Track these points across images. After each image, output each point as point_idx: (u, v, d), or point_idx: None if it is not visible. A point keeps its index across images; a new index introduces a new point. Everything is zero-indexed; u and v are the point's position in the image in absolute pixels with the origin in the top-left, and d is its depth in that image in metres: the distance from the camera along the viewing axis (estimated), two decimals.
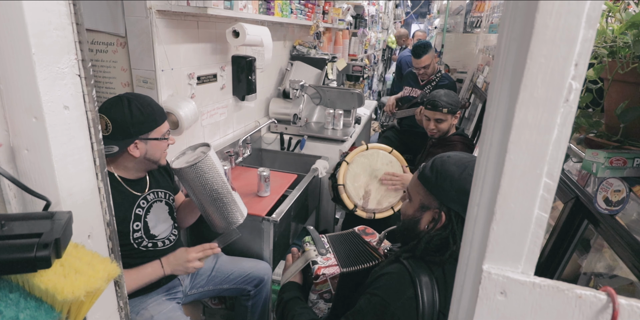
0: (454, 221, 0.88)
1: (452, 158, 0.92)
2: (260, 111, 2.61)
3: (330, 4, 3.40)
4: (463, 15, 5.82)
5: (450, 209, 0.89)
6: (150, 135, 1.24)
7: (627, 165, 0.93)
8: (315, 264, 1.10)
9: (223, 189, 1.27)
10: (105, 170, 0.66)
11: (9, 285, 0.48)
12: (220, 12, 1.57)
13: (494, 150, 0.39)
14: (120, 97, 1.21)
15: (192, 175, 1.21)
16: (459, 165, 0.90)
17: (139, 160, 1.26)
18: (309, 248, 1.16)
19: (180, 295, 1.46)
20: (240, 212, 1.36)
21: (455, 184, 0.87)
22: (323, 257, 1.13)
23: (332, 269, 1.09)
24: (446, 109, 2.00)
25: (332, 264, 1.11)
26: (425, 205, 0.93)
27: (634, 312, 0.37)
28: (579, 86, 0.35)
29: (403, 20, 8.20)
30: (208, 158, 1.20)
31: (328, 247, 1.18)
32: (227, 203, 1.30)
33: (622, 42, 0.92)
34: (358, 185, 1.79)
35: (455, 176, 0.88)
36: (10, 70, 0.52)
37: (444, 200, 0.89)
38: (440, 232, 0.90)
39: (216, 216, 1.31)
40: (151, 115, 1.22)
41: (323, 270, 1.08)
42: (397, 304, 0.82)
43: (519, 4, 0.36)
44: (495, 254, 0.40)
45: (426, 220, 0.93)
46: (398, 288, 0.85)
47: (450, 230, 0.89)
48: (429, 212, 0.92)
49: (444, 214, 0.89)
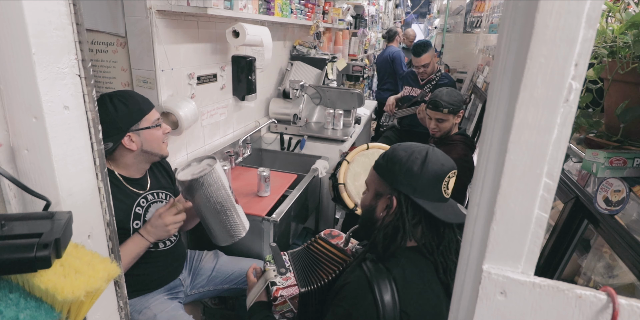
0: (404, 204, 0.93)
1: (402, 146, 0.99)
2: (260, 111, 2.61)
3: (330, 4, 3.40)
4: (463, 15, 5.82)
5: (400, 192, 0.93)
6: (140, 126, 1.24)
7: (627, 165, 0.93)
8: (274, 286, 1.10)
9: (227, 203, 1.27)
10: (105, 170, 0.66)
11: (9, 285, 0.48)
12: (220, 12, 1.57)
13: (494, 150, 0.39)
14: (102, 96, 1.22)
15: (197, 188, 1.21)
16: (406, 150, 0.96)
17: (137, 154, 1.26)
18: (269, 268, 1.17)
19: (181, 295, 1.47)
20: (243, 225, 1.36)
21: (404, 167, 0.93)
22: (282, 277, 1.13)
23: (290, 290, 1.09)
24: (447, 109, 1.99)
25: (291, 283, 1.11)
26: (379, 192, 0.98)
27: (634, 312, 0.37)
28: (579, 86, 0.35)
29: (403, 20, 8.19)
30: (214, 171, 1.21)
31: (289, 266, 1.18)
32: (230, 216, 1.29)
33: (622, 42, 0.92)
34: (358, 184, 1.79)
35: (403, 160, 0.93)
36: (10, 70, 0.52)
37: (394, 184, 0.94)
38: (392, 220, 0.94)
39: (218, 228, 1.30)
40: (135, 105, 1.23)
41: (281, 291, 1.08)
42: (359, 311, 0.85)
43: (519, 4, 0.36)
44: (495, 254, 0.40)
45: (381, 208, 0.97)
46: (357, 296, 0.88)
47: (400, 215, 0.93)
48: (382, 199, 0.97)
49: (395, 198, 0.93)
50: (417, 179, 0.91)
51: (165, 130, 1.32)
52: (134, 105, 1.23)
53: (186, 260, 1.56)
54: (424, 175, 0.91)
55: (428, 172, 0.91)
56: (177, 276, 1.47)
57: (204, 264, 1.57)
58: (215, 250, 1.66)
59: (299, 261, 1.21)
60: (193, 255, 1.59)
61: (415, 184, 0.91)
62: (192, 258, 1.58)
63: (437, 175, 0.92)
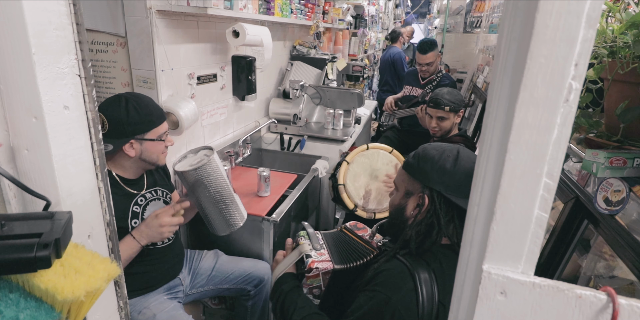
0: (437, 201, 0.93)
1: (432, 145, 0.99)
2: (260, 111, 2.61)
3: (330, 4, 3.40)
4: (463, 15, 5.82)
5: (432, 190, 0.93)
6: (145, 136, 1.24)
7: (627, 165, 0.93)
8: (309, 258, 1.10)
9: (226, 192, 1.27)
10: (105, 170, 0.66)
11: (9, 285, 0.48)
12: (220, 12, 1.57)
13: (494, 150, 0.39)
14: (119, 96, 1.21)
15: (196, 178, 1.21)
16: (438, 149, 0.96)
17: (134, 160, 1.26)
18: (303, 242, 1.16)
19: (181, 295, 1.47)
20: (241, 215, 1.36)
21: (436, 165, 0.93)
22: (317, 252, 1.13)
23: (325, 264, 1.09)
24: (448, 107, 1.99)
25: (325, 259, 1.11)
26: (409, 191, 0.98)
27: (634, 312, 0.37)
28: (579, 86, 0.35)
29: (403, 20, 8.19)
30: (212, 161, 1.20)
31: (322, 243, 1.18)
32: (229, 205, 1.29)
33: (622, 42, 0.92)
34: (358, 185, 1.79)
35: (435, 158, 0.94)
36: (10, 70, 0.52)
37: (426, 182, 0.94)
38: (425, 217, 0.94)
39: (217, 218, 1.30)
40: (148, 116, 1.22)
41: (317, 264, 1.08)
42: (398, 296, 0.84)
43: (519, 4, 0.36)
44: (495, 254, 0.40)
45: (411, 207, 0.97)
46: (398, 282, 0.87)
47: (434, 212, 0.93)
48: (413, 197, 0.97)
49: (427, 196, 0.93)
50: (450, 176, 0.92)
51: (168, 143, 1.32)
52: (146, 114, 1.22)
53: (186, 259, 1.56)
54: (457, 172, 0.91)
55: (461, 169, 0.92)
56: (177, 275, 1.47)
57: (204, 264, 1.57)
58: (215, 249, 1.66)
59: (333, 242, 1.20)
60: (193, 255, 1.59)
61: (448, 181, 0.92)
62: (191, 258, 1.58)
63: (469, 172, 0.92)
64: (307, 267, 1.07)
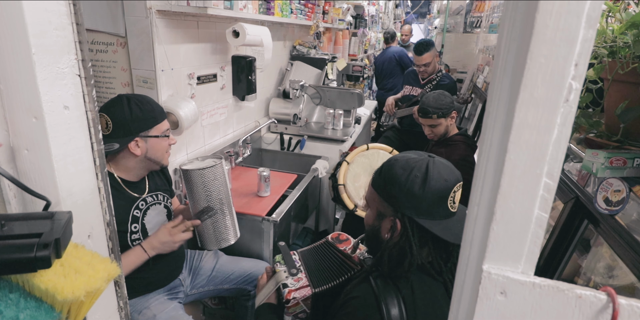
0: (409, 227, 0.86)
1: (399, 161, 0.89)
2: (260, 111, 2.61)
3: (330, 4, 3.40)
4: (463, 15, 5.82)
5: (404, 215, 0.86)
6: (150, 133, 1.25)
7: (627, 165, 0.93)
8: (286, 287, 1.09)
9: (226, 200, 1.27)
10: (105, 170, 0.66)
11: (9, 285, 0.48)
12: (220, 12, 1.57)
13: (494, 150, 0.39)
14: (120, 97, 1.23)
15: (201, 180, 1.22)
16: (405, 168, 0.87)
17: (140, 159, 1.27)
18: (279, 269, 1.15)
19: (181, 295, 1.47)
20: (235, 231, 1.36)
21: (404, 188, 0.85)
22: (294, 278, 1.12)
23: (303, 291, 1.08)
24: (436, 114, 2.01)
25: (303, 284, 1.09)
26: (381, 212, 0.91)
27: (634, 312, 0.37)
28: (579, 86, 0.35)
29: (403, 20, 8.19)
30: (220, 166, 1.22)
31: (299, 266, 1.17)
32: (225, 216, 1.30)
33: (622, 42, 0.92)
34: (358, 185, 1.79)
35: (402, 180, 0.85)
36: (10, 70, 0.52)
37: (396, 207, 0.87)
38: (398, 241, 0.87)
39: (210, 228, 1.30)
40: (150, 112, 1.24)
41: (293, 293, 1.07)
42: None
43: (519, 4, 0.36)
44: (495, 254, 0.40)
45: (385, 229, 0.90)
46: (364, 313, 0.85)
47: (406, 238, 0.86)
48: (386, 219, 0.90)
49: (399, 221, 0.86)
50: (420, 201, 0.84)
51: (172, 141, 1.34)
52: (149, 112, 1.24)
53: (186, 259, 1.56)
54: (427, 196, 0.83)
55: (431, 191, 0.83)
56: (177, 276, 1.47)
57: (204, 264, 1.57)
58: (215, 250, 1.66)
59: (310, 261, 1.19)
60: (193, 255, 1.59)
61: (418, 205, 0.84)
62: (192, 258, 1.58)
63: (441, 193, 0.84)
64: (285, 299, 1.07)
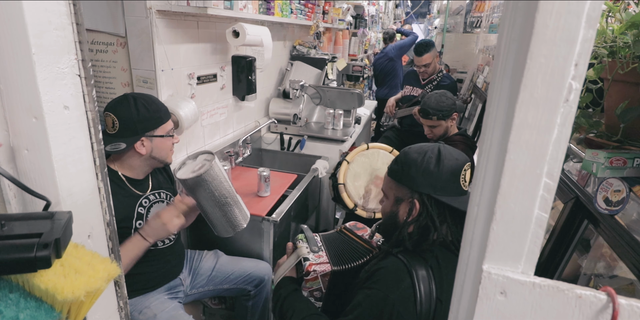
0: (428, 204, 0.93)
1: (412, 148, 0.99)
2: (260, 111, 2.61)
3: (330, 4, 3.40)
4: (463, 15, 5.82)
5: (421, 194, 0.94)
6: (155, 133, 1.26)
7: (627, 165, 0.93)
8: (307, 261, 1.11)
9: (229, 194, 1.27)
10: (106, 170, 0.66)
11: (9, 285, 0.48)
12: (220, 12, 1.57)
13: (494, 150, 0.39)
14: (126, 96, 1.23)
15: (200, 184, 1.21)
16: (419, 152, 0.96)
17: (145, 158, 1.28)
18: (301, 245, 1.17)
19: (181, 295, 1.47)
20: (244, 215, 1.36)
21: (420, 168, 0.93)
22: (315, 255, 1.14)
23: (323, 266, 1.10)
24: (436, 116, 2.01)
25: (323, 261, 1.12)
26: (399, 197, 0.98)
27: (634, 312, 0.37)
28: (579, 86, 0.35)
29: (403, 20, 8.19)
30: (214, 165, 1.21)
31: (320, 246, 1.19)
32: (232, 207, 1.30)
33: (622, 42, 0.92)
34: (358, 185, 1.79)
35: (418, 161, 0.94)
36: (10, 70, 0.52)
37: (414, 186, 0.94)
38: (418, 219, 0.94)
39: (221, 220, 1.30)
40: (156, 112, 1.25)
41: (314, 266, 1.09)
42: (396, 294, 0.84)
43: (519, 4, 0.36)
44: (495, 254, 0.40)
45: (403, 213, 0.97)
46: (395, 279, 0.87)
47: (426, 215, 0.93)
48: (403, 204, 0.97)
49: (417, 201, 0.94)
50: (436, 177, 0.92)
51: (176, 140, 1.35)
52: (155, 111, 1.25)
53: (186, 259, 1.56)
54: (442, 172, 0.92)
55: (445, 169, 0.92)
56: (177, 275, 1.47)
57: (204, 264, 1.57)
58: (215, 250, 1.66)
59: (331, 243, 1.22)
60: (193, 255, 1.60)
61: (435, 182, 0.92)
62: (192, 258, 1.58)
63: (454, 170, 0.93)
64: (305, 271, 1.08)
